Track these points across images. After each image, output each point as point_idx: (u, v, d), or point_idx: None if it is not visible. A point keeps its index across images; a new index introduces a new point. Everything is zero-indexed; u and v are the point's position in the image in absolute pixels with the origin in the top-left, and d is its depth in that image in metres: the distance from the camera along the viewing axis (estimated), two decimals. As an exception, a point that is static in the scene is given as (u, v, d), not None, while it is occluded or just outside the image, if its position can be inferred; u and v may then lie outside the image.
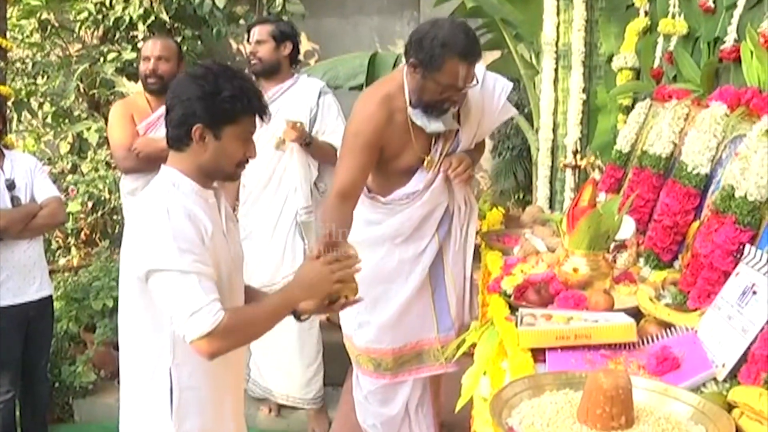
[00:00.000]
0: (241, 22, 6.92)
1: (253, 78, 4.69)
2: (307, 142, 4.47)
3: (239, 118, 2.44)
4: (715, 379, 2.06)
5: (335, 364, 4.86)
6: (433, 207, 3.56)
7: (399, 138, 3.41)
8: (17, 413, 4.36)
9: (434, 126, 3.37)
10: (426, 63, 3.20)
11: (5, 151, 4.26)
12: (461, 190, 3.60)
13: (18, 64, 6.75)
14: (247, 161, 2.57)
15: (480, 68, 3.46)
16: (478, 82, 3.34)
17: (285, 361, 4.81)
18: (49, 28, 6.95)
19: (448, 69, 3.18)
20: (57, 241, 6.62)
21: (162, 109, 4.59)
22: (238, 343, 2.45)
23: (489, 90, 3.53)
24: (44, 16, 6.83)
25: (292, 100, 4.58)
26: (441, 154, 3.50)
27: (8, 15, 5.93)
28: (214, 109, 2.41)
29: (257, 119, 2.51)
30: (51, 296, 4.36)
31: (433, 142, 3.49)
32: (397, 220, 3.54)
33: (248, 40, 4.68)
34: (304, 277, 2.52)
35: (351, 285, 2.59)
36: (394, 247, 3.58)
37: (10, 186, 4.08)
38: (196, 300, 2.29)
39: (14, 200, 4.06)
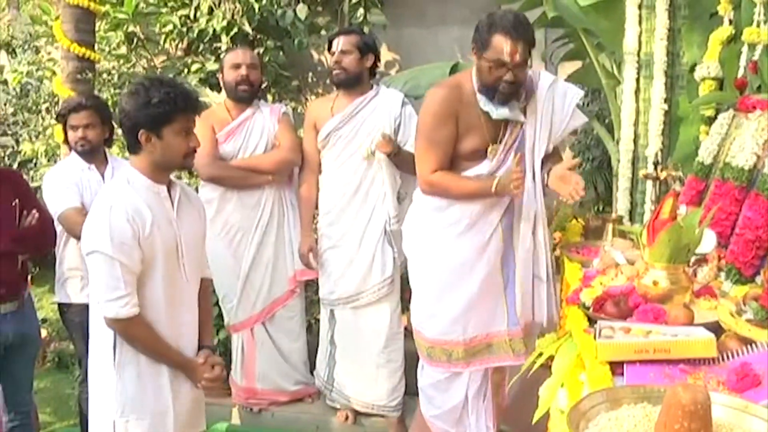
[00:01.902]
0: (323, 32, 6.99)
1: (335, 88, 4.78)
2: (395, 153, 4.53)
3: (173, 117, 2.98)
4: (797, 397, 2.03)
5: (412, 372, 4.90)
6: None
7: (468, 118, 3.64)
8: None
9: (500, 112, 3.59)
10: (479, 43, 3.53)
11: (109, 158, 4.43)
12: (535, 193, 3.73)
13: (105, 76, 6.93)
14: (194, 151, 3.11)
15: (550, 76, 3.76)
16: (528, 63, 3.57)
17: (371, 369, 4.87)
18: (135, 40, 7.10)
19: (495, 44, 3.47)
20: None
21: (242, 117, 4.80)
22: (131, 339, 3.05)
23: (560, 94, 3.73)
24: (130, 29, 6.98)
25: (375, 111, 4.66)
26: (506, 145, 3.70)
27: (96, 28, 6.09)
28: (149, 115, 2.95)
29: (194, 114, 3.08)
30: None
31: (501, 133, 3.68)
32: (461, 205, 3.70)
33: (329, 50, 4.74)
34: (194, 373, 3.20)
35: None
36: (458, 238, 3.72)
37: None
38: (117, 288, 2.93)
39: None
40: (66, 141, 4.48)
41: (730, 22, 4.26)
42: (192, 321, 3.27)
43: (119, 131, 3.54)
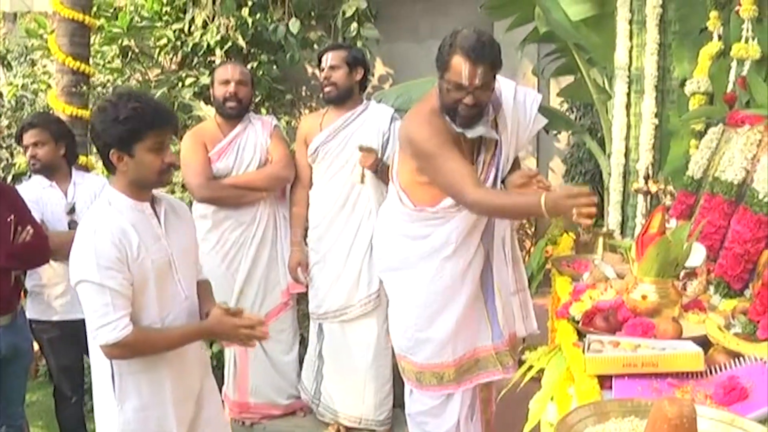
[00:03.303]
0: (315, 47, 7.02)
1: (326, 104, 4.80)
2: (380, 165, 4.53)
3: (142, 134, 2.82)
4: (783, 410, 2.04)
5: (402, 386, 4.91)
6: (479, 216, 3.56)
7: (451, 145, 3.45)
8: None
9: (475, 130, 3.43)
10: (439, 65, 3.39)
11: (74, 173, 4.44)
12: None
13: (100, 89, 6.96)
14: (170, 167, 2.94)
15: (510, 84, 3.63)
16: (491, 86, 3.40)
17: (359, 384, 4.86)
18: (129, 54, 7.14)
19: (453, 66, 3.31)
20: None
21: (233, 134, 4.79)
22: (138, 356, 2.91)
23: (521, 102, 3.62)
24: (125, 42, 7.02)
25: (364, 126, 4.66)
26: (484, 164, 3.57)
27: (91, 42, 6.12)
28: (117, 133, 2.80)
29: (169, 128, 2.92)
30: None
31: (475, 152, 3.57)
32: (446, 230, 3.54)
33: (319, 66, 4.75)
34: (214, 329, 3.04)
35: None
36: (444, 262, 3.58)
37: (70, 211, 4.31)
38: (107, 314, 2.78)
39: (71, 224, 4.27)
40: None
41: (719, 37, 4.30)
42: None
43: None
